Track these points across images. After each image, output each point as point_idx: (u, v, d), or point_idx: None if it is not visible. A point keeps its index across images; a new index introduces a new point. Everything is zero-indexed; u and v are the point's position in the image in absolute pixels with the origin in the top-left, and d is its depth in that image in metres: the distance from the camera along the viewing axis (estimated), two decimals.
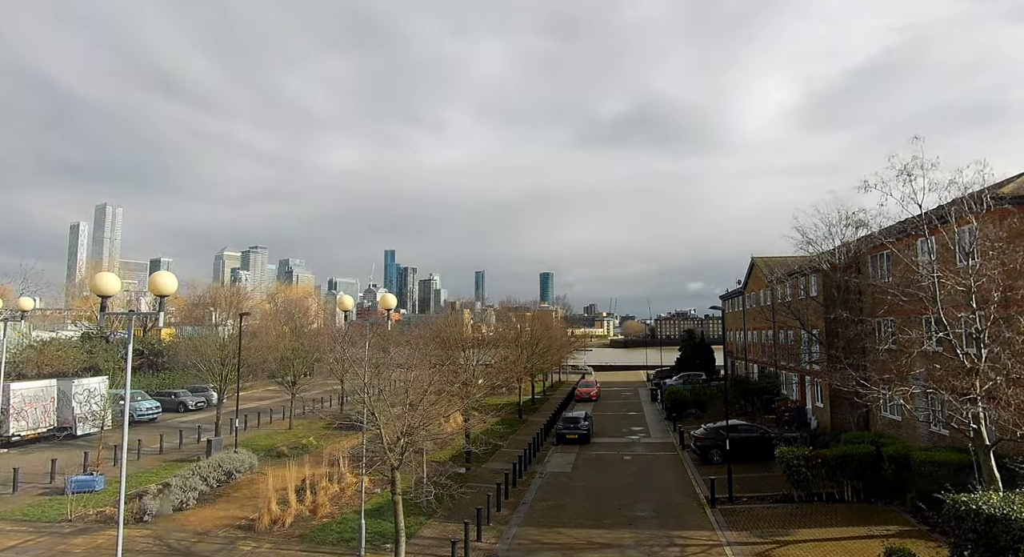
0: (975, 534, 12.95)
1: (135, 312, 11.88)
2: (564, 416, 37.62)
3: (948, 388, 16.16)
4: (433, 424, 17.85)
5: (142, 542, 18.28)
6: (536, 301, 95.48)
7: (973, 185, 17.27)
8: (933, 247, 19.64)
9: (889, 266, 26.68)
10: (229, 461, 25.16)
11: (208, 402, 46.49)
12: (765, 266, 46.63)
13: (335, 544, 18.16)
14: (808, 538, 18.11)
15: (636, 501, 22.55)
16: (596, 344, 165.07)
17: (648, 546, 17.88)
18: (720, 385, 48.11)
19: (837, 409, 32.26)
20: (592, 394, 54.74)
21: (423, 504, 21.30)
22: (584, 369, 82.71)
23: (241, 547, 17.98)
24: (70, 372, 42.15)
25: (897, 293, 18.85)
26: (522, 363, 43.05)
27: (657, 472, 27.45)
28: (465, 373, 27.29)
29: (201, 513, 21.13)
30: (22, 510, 21.39)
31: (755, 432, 29.37)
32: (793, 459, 22.05)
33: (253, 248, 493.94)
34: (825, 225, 30.13)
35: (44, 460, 27.19)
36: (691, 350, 70.51)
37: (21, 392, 33.57)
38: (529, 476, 26.64)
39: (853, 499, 21.45)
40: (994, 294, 16.37)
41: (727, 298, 63.92)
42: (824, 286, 32.93)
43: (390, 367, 19.62)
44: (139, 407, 40.81)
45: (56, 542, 18.38)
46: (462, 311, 79.51)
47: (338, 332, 49.26)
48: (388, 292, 35.18)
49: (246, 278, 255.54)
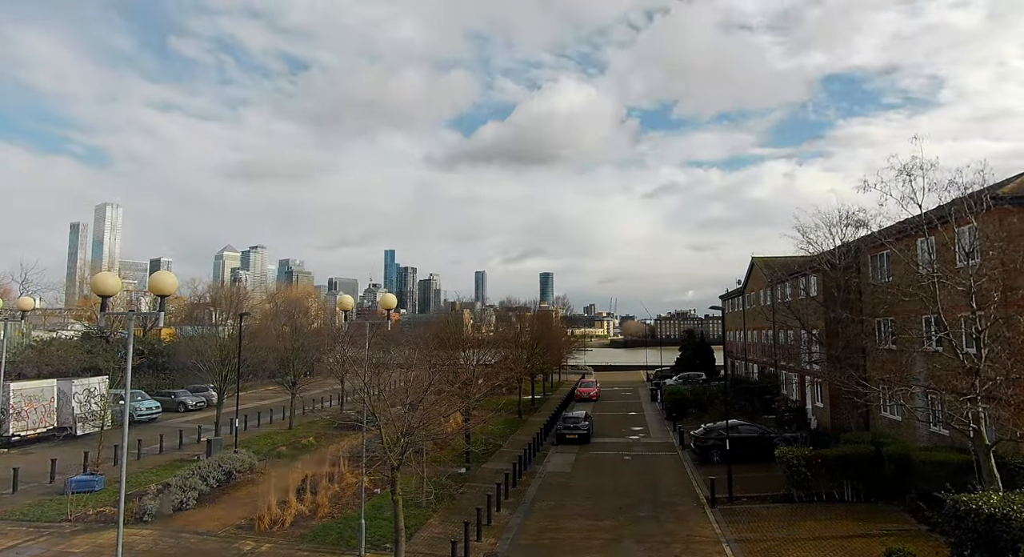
0: (975, 534, 12.97)
1: (135, 312, 11.89)
2: (564, 416, 37.64)
3: (948, 388, 16.18)
4: (433, 424, 17.84)
5: (142, 542, 18.28)
6: (536, 301, 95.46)
7: (973, 185, 17.29)
8: (933, 247, 19.63)
9: (889, 266, 26.68)
10: (229, 461, 25.15)
11: (208, 402, 46.45)
12: (765, 266, 46.62)
13: (335, 544, 18.16)
14: (808, 537, 18.11)
15: (636, 501, 22.55)
16: (596, 344, 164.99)
17: (648, 546, 17.89)
18: (720, 385, 48.10)
19: (837, 409, 32.24)
20: (592, 394, 54.74)
21: (423, 504, 21.30)
22: (584, 369, 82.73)
23: (241, 547, 17.97)
24: (70, 372, 42.14)
25: (897, 293, 18.87)
26: (522, 363, 43.03)
27: (657, 472, 27.44)
28: (465, 373, 27.30)
29: (201, 513, 21.13)
30: (22, 510, 21.38)
31: (755, 432, 29.38)
32: (793, 459, 22.05)
33: (253, 248, 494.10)
34: (825, 225, 30.16)
35: (44, 460, 27.18)
36: (691, 350, 70.58)
37: (21, 392, 33.58)
38: (529, 476, 26.64)
39: (853, 499, 21.44)
40: (994, 294, 16.38)
41: (727, 298, 63.90)
42: (824, 286, 32.92)
43: (390, 367, 19.64)
44: (139, 407, 40.82)
45: (56, 542, 18.38)
46: (462, 311, 79.53)
47: (338, 332, 49.31)
48: (388, 292, 35.12)
49: (246, 278, 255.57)
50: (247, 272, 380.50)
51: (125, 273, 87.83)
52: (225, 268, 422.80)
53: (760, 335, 50.01)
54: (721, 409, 34.30)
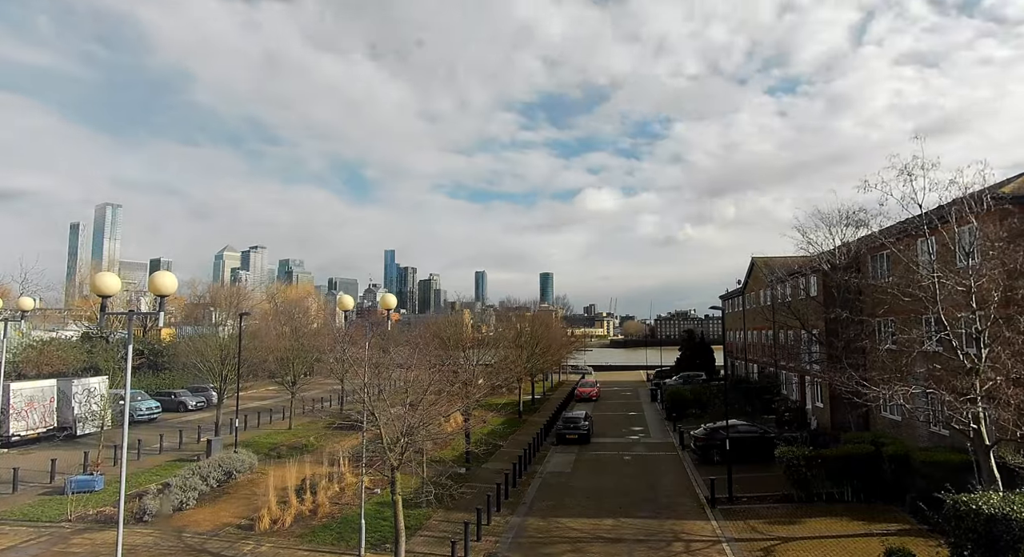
0: (975, 534, 12.96)
1: (135, 312, 11.89)
2: (564, 416, 37.63)
3: (948, 388, 16.15)
4: (433, 424, 17.84)
5: (142, 542, 18.28)
6: (536, 301, 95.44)
7: (973, 185, 17.27)
8: (933, 247, 19.62)
9: (889, 266, 26.67)
10: (229, 461, 25.17)
11: (208, 402, 46.46)
12: (765, 266, 46.61)
13: (335, 544, 18.17)
14: (808, 537, 18.12)
15: (636, 501, 22.54)
16: (596, 344, 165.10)
17: (648, 545, 17.89)
18: (720, 385, 48.13)
19: (837, 409, 32.23)
20: (592, 394, 54.73)
21: (423, 504, 21.29)
22: (584, 369, 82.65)
23: (241, 547, 17.98)
24: (70, 372, 42.16)
25: (897, 293, 18.81)
26: (522, 363, 43.00)
27: (657, 472, 27.44)
28: (465, 373, 27.27)
29: (201, 513, 21.13)
30: (22, 510, 21.39)
31: (755, 432, 29.38)
32: (793, 459, 22.06)
33: (253, 248, 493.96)
34: (825, 225, 30.19)
35: (44, 460, 27.18)
36: (691, 350, 70.60)
37: (21, 392, 33.57)
38: (529, 476, 26.64)
39: (853, 499, 21.44)
40: (994, 294, 16.36)
41: (727, 298, 63.88)
42: (824, 286, 32.92)
43: (390, 367, 19.62)
44: (139, 407, 40.80)
45: (56, 542, 18.40)
46: (462, 311, 79.46)
47: (338, 332, 49.27)
48: (388, 292, 35.08)
49: (246, 278, 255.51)
50: (247, 272, 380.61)
51: (125, 273, 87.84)
52: (225, 268, 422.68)
53: (760, 335, 50.00)
54: (721, 409, 34.30)
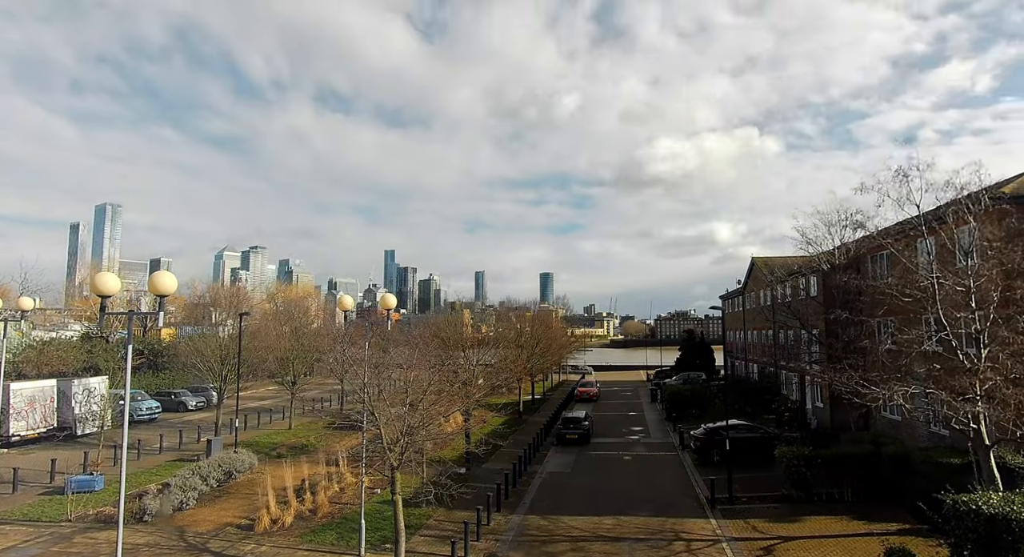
0: (975, 534, 12.95)
1: (135, 312, 11.90)
2: (564, 416, 37.61)
3: (948, 388, 16.15)
4: (433, 424, 17.85)
5: (142, 542, 18.28)
6: (536, 301, 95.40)
7: (969, 185, 17.30)
8: (932, 247, 19.63)
9: (888, 266, 26.67)
10: (229, 461, 25.17)
11: (208, 402, 46.49)
12: (765, 266, 46.64)
13: (335, 544, 18.16)
14: (808, 537, 18.12)
15: (636, 501, 22.54)
16: (596, 344, 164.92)
17: (648, 545, 17.89)
18: (720, 385, 48.15)
19: (837, 409, 32.25)
20: (592, 394, 54.70)
21: (423, 504, 21.28)
22: (584, 369, 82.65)
23: (241, 547, 17.97)
24: (70, 372, 42.15)
25: (896, 293, 18.83)
26: (522, 363, 43.01)
27: (657, 472, 27.44)
28: (465, 373, 27.27)
29: (201, 513, 21.14)
30: (22, 510, 21.40)
31: (755, 432, 29.36)
32: (793, 459, 22.06)
33: (253, 248, 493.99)
34: (825, 225, 30.20)
35: (44, 460, 27.19)
36: (691, 350, 70.56)
37: (21, 392, 33.58)
38: (529, 476, 26.64)
39: (853, 499, 21.44)
40: (993, 294, 16.37)
41: (727, 298, 63.90)
42: (824, 286, 32.94)
43: (390, 367, 19.63)
44: (139, 407, 40.85)
45: (56, 542, 18.39)
46: (462, 311, 79.47)
47: (338, 332, 49.28)
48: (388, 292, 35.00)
49: (246, 278, 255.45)
50: (247, 272, 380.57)
51: (125, 273, 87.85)
52: (225, 268, 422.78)
53: (760, 335, 50.00)
54: (721, 409, 34.32)
